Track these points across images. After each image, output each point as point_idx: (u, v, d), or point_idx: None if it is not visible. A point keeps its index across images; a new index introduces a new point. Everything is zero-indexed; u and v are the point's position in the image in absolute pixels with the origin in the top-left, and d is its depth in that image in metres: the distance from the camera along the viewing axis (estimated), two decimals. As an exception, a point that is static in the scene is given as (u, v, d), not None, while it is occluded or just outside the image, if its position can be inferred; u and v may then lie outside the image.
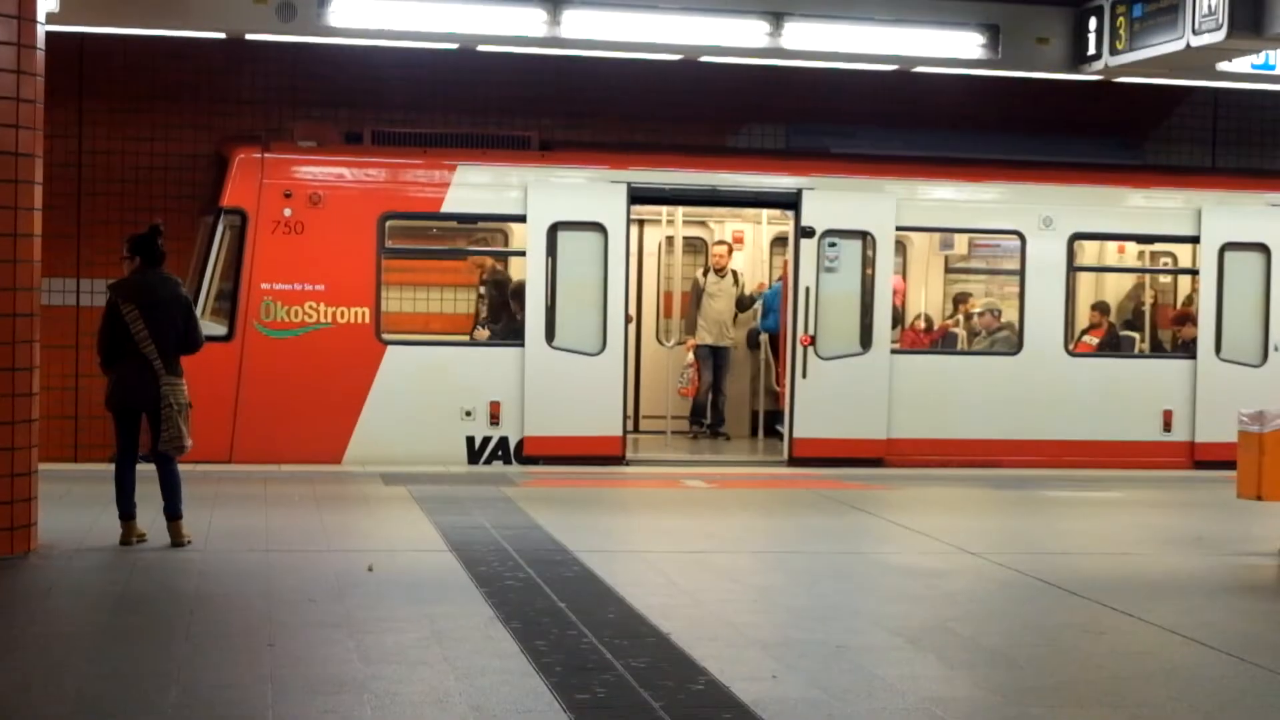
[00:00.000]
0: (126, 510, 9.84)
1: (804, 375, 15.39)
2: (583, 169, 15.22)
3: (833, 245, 15.52)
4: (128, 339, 9.81)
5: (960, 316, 17.14)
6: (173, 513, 9.83)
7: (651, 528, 11.59)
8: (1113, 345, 16.76)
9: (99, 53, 15.74)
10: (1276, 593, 9.60)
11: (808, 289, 15.39)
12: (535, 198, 14.96)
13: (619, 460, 15.06)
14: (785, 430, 15.70)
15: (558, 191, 15.05)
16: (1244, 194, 16.62)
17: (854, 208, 15.56)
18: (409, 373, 14.73)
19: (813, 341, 15.36)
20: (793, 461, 15.39)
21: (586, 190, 15.12)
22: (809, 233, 15.38)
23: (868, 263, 15.61)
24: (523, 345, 14.95)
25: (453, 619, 7.77)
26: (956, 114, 17.19)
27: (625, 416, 15.33)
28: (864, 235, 15.59)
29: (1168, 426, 16.20)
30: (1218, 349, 16.32)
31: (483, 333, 15.59)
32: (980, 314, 16.88)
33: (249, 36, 14.47)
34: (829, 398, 15.41)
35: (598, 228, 15.10)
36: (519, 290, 15.33)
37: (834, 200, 15.48)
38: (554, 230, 15.00)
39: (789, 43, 14.63)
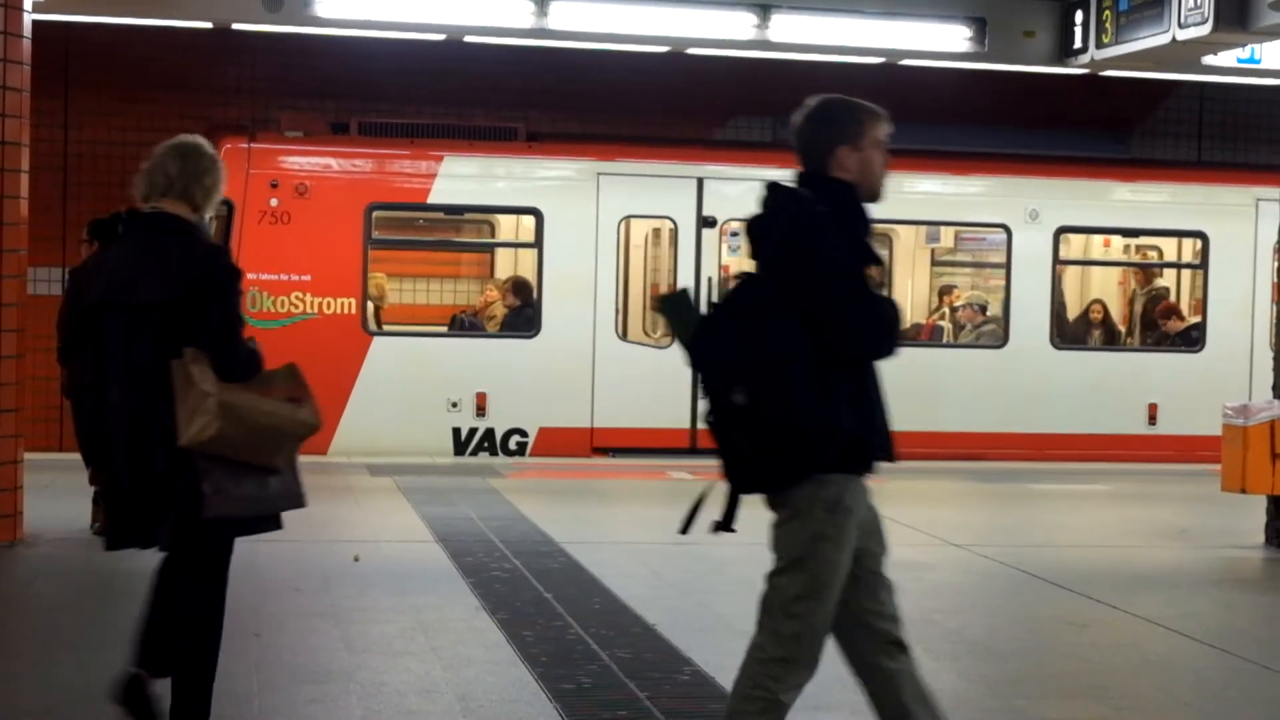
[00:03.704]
0: None
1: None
2: (653, 163, 15.39)
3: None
4: None
5: (946, 309, 17.14)
6: None
7: (637, 518, 11.59)
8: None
9: (86, 42, 15.69)
10: (1259, 585, 9.64)
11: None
12: (606, 191, 15.09)
13: (688, 452, 15.05)
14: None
15: (629, 185, 15.20)
16: None
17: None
18: (393, 364, 14.71)
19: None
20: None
21: (658, 184, 15.28)
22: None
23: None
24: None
25: (439, 609, 7.78)
26: (945, 108, 17.17)
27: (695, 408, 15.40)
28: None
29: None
30: None
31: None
32: (963, 307, 16.86)
33: (236, 26, 14.44)
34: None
35: (668, 221, 15.35)
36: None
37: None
38: (623, 224, 15.24)
39: (776, 35, 14.62)
